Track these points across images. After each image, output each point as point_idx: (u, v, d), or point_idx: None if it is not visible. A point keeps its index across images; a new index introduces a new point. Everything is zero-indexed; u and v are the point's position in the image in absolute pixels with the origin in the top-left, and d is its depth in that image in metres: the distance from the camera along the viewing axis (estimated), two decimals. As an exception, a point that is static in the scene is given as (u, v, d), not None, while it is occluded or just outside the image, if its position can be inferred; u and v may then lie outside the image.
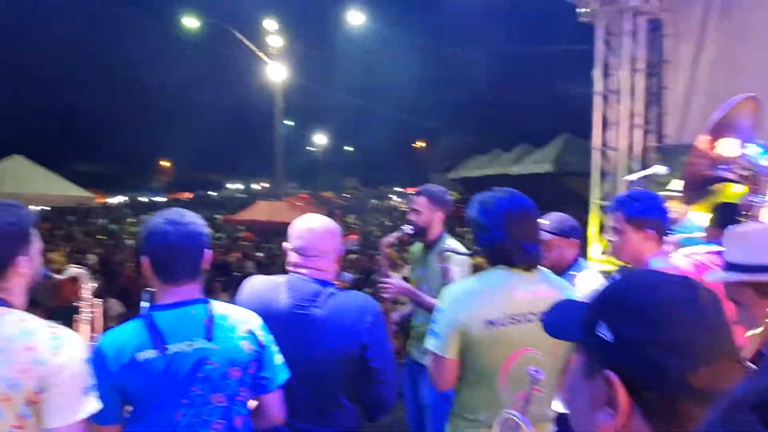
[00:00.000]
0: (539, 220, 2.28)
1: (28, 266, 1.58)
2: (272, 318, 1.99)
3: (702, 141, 3.05)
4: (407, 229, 3.34)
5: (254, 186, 55.28)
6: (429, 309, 3.09)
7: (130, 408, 1.73)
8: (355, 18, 18.80)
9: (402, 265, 8.73)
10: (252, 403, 1.88)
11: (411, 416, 3.54)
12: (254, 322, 1.85)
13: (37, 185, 12.42)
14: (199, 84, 52.69)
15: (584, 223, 6.67)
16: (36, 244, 1.64)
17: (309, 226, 2.16)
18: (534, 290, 2.08)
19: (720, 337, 0.79)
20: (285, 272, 2.19)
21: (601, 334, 0.80)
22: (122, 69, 53.95)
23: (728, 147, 3.07)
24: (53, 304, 6.91)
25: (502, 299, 2.04)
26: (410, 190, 44.62)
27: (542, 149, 18.22)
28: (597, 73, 6.31)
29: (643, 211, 2.40)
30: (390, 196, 45.07)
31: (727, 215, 3.18)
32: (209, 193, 48.05)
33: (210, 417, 1.74)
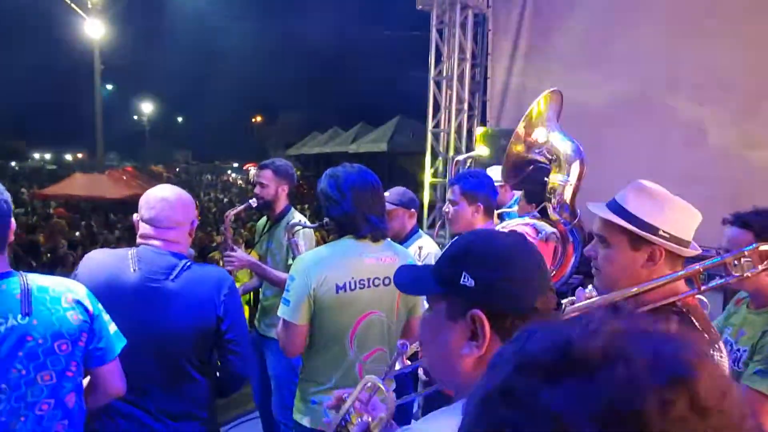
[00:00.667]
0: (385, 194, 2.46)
1: None
2: (120, 292, 1.89)
3: (519, 128, 3.51)
4: (253, 202, 3.34)
5: (67, 157, 49.21)
6: (274, 282, 3.14)
7: None
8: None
9: (241, 243, 8.58)
10: (85, 380, 1.78)
11: (257, 388, 3.58)
12: (79, 291, 1.73)
13: None
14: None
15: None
16: None
17: (162, 196, 2.06)
18: (380, 257, 2.24)
19: (545, 274, 1.03)
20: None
21: (464, 283, 0.98)
22: None
23: (539, 134, 3.58)
24: None
25: (350, 265, 2.17)
26: (249, 166, 43.48)
27: (378, 129, 18.96)
28: (431, 60, 6.75)
29: (477, 186, 2.72)
30: (227, 171, 43.28)
31: (536, 193, 3.71)
32: (10, 163, 41.64)
33: (36, 398, 1.60)
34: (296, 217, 3.32)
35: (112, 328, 1.77)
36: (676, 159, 5.38)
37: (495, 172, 4.79)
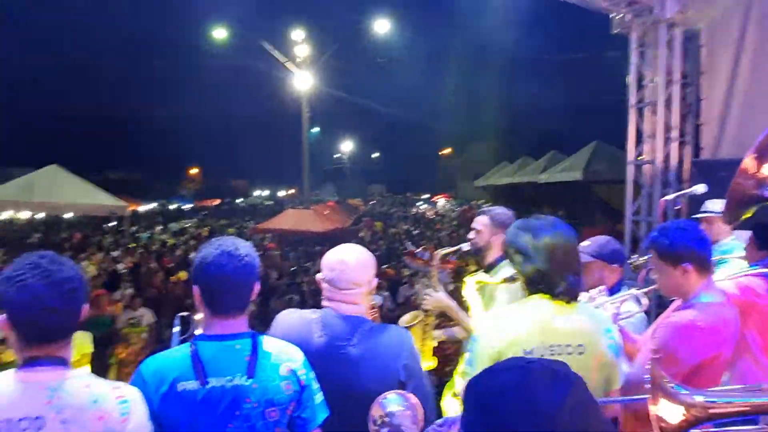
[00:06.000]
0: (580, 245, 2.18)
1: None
2: (308, 356, 1.95)
3: (748, 160, 2.93)
4: (465, 246, 3.26)
5: (280, 193, 55.74)
6: (467, 330, 3.00)
7: None
8: (382, 26, 18.82)
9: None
10: None
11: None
12: (297, 360, 1.81)
13: (71, 194, 12.73)
14: (228, 93, 53.73)
15: (618, 235, 6.51)
16: None
17: (342, 258, 2.12)
18: (573, 321, 1.99)
19: (556, 421, 0.76)
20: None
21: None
22: (153, 80, 55.42)
23: (775, 167, 2.95)
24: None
25: (540, 328, 1.95)
26: (438, 198, 44.52)
27: (571, 157, 17.85)
28: (631, 85, 6.16)
29: (674, 247, 2.26)
30: (418, 203, 44.84)
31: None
32: (237, 200, 48.55)
33: None
34: (508, 270, 3.12)
35: (318, 398, 1.84)
36: None
37: (715, 205, 4.11)
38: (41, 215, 21.31)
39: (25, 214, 21.16)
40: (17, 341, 1.48)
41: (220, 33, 18.93)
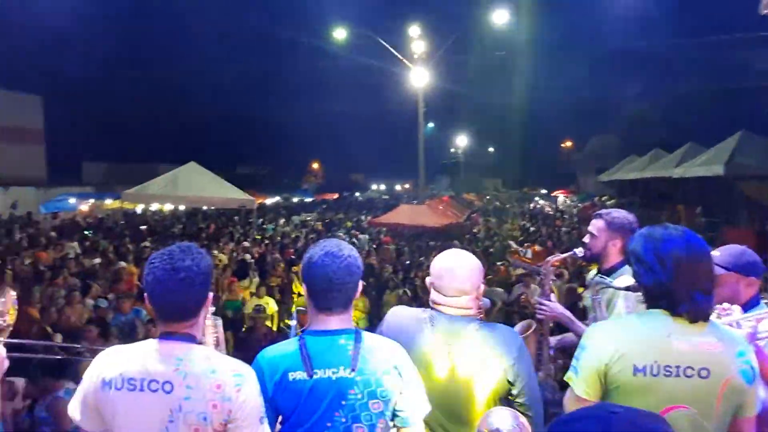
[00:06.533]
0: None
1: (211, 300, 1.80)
2: (418, 354, 2.03)
3: None
4: (578, 252, 3.11)
5: (397, 187, 56.68)
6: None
7: (280, 418, 1.88)
8: (499, 18, 18.39)
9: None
10: None
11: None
12: (399, 357, 1.89)
13: (207, 188, 13.94)
14: (347, 91, 55.74)
15: (766, 238, 5.83)
16: None
17: (449, 266, 2.16)
18: (696, 342, 1.81)
19: None
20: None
21: None
22: (277, 81, 59.01)
23: None
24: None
25: (655, 346, 1.80)
26: (558, 193, 42.67)
27: (712, 149, 16.21)
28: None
29: None
30: (535, 198, 43.26)
31: None
32: (355, 194, 50.16)
33: None
34: (629, 278, 2.92)
35: (421, 393, 1.92)
36: None
37: None
38: (183, 207, 23.57)
39: (169, 207, 23.53)
40: (155, 317, 1.77)
41: (339, 33, 19.60)
